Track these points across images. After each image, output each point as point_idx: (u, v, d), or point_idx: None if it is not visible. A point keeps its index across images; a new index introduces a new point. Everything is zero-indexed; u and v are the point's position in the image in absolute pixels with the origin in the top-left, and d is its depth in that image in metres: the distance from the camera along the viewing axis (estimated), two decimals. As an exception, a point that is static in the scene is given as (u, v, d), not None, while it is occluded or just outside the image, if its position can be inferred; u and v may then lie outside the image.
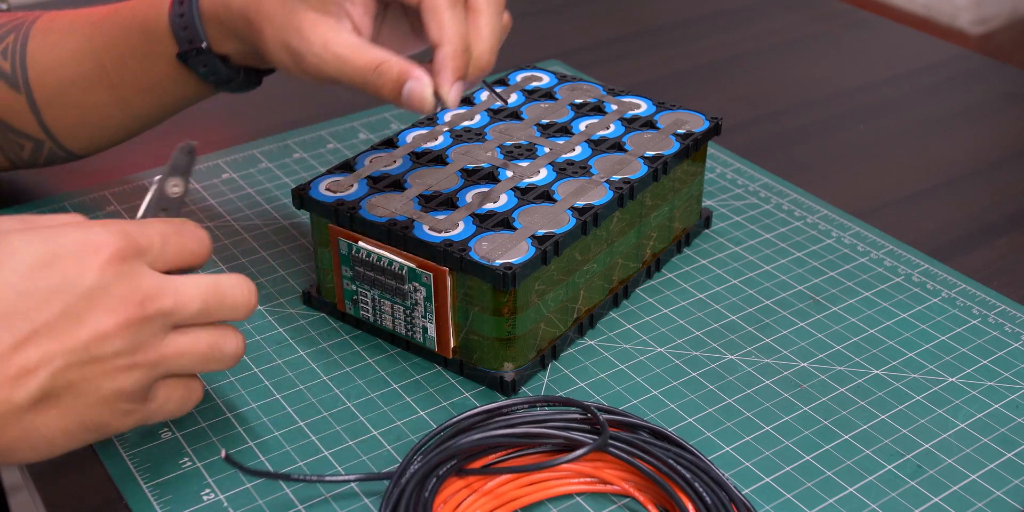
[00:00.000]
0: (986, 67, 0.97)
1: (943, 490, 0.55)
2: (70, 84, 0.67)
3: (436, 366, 0.62)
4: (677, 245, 0.71)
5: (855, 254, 0.72)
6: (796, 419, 0.59)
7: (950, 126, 0.88)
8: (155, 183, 0.53)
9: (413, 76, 0.54)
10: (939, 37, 1.04)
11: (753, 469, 0.56)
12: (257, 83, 0.68)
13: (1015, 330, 0.65)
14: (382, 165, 0.65)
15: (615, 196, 0.62)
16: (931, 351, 0.64)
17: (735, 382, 0.62)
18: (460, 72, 0.55)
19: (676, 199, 0.69)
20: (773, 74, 0.96)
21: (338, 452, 0.57)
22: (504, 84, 0.74)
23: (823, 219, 0.75)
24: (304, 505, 0.54)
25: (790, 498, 0.55)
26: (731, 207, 0.76)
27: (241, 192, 0.78)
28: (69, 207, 0.76)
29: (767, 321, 0.66)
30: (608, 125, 0.69)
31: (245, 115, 0.88)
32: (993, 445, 0.58)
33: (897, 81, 0.94)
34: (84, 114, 0.69)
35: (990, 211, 0.77)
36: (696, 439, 0.58)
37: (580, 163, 0.65)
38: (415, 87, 0.54)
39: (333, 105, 0.89)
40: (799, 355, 0.63)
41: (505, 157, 0.65)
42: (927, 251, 0.72)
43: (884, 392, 0.61)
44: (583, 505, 0.54)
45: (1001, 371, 0.62)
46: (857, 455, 0.57)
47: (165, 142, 0.85)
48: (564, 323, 0.63)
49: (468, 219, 0.60)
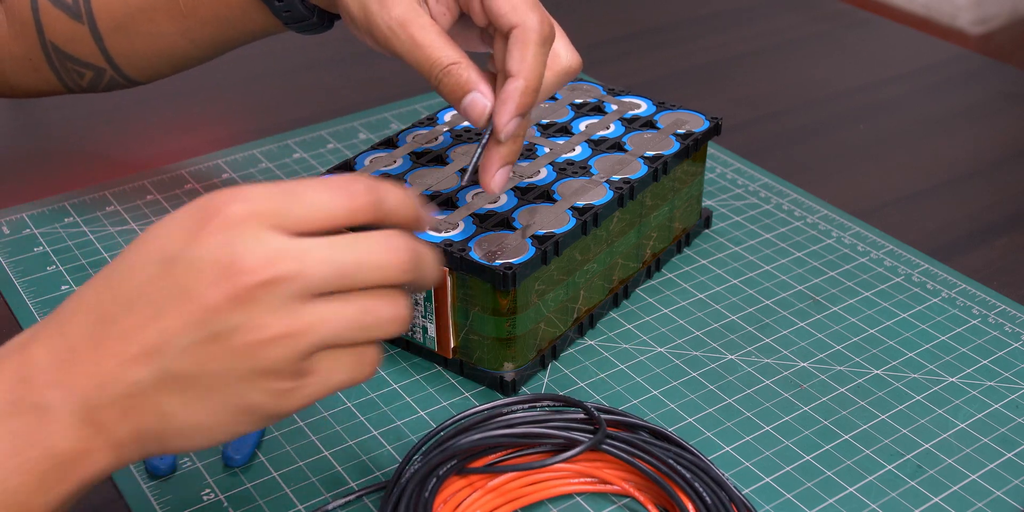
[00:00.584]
0: (986, 67, 0.97)
1: (943, 490, 0.55)
2: (137, 12, 0.67)
3: (436, 366, 0.62)
4: (677, 245, 0.71)
5: (855, 254, 0.72)
6: (796, 419, 0.59)
7: (950, 126, 0.88)
8: None
9: (479, 90, 0.55)
10: (939, 37, 1.04)
11: (753, 469, 0.56)
12: (329, 26, 0.68)
13: (1015, 330, 0.65)
14: (382, 165, 0.65)
15: (615, 196, 0.62)
16: (931, 351, 0.64)
17: (735, 382, 0.62)
18: (524, 109, 0.55)
19: (676, 199, 0.69)
20: (773, 74, 0.96)
21: (338, 452, 0.57)
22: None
23: (823, 219, 0.75)
24: (304, 505, 0.54)
25: (790, 498, 0.55)
26: (731, 207, 0.76)
27: (241, 192, 0.78)
28: (69, 207, 0.76)
29: (767, 321, 0.66)
30: (608, 125, 0.69)
31: (245, 115, 0.88)
32: (993, 445, 0.58)
33: (897, 81, 0.94)
34: (149, 43, 0.69)
35: (990, 211, 0.77)
36: (696, 439, 0.58)
37: (580, 163, 0.65)
38: (477, 102, 0.55)
39: (333, 105, 0.89)
40: (799, 355, 0.63)
41: (505, 157, 0.65)
42: (927, 251, 0.72)
43: (884, 392, 0.61)
44: (583, 505, 0.54)
45: (1001, 371, 0.62)
46: (857, 455, 0.57)
47: (165, 142, 0.85)
48: (564, 323, 0.63)
49: (468, 219, 0.60)
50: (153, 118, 0.88)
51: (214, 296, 0.40)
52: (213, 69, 0.93)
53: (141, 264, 0.42)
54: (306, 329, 0.41)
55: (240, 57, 0.95)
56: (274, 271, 0.40)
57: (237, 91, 0.92)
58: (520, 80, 0.54)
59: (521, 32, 0.54)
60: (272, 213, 0.41)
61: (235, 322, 0.40)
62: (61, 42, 0.69)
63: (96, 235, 0.73)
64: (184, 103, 0.90)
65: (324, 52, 0.97)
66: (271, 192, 0.42)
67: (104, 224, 0.74)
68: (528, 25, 0.54)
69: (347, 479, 0.56)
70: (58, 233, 0.73)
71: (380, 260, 0.42)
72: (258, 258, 0.40)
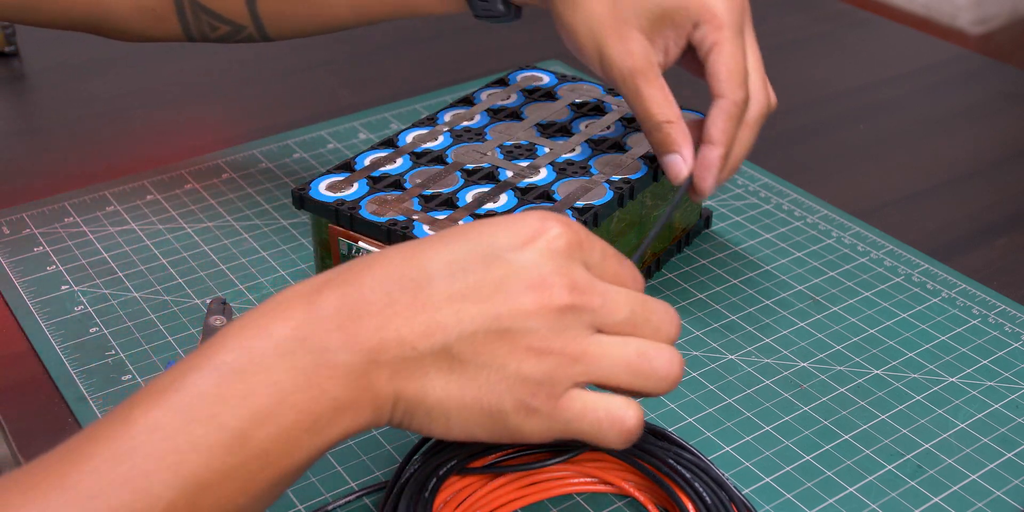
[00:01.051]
0: (986, 67, 0.97)
1: (943, 490, 0.55)
2: None
3: (436, 366, 0.62)
4: (677, 245, 0.71)
5: (855, 254, 0.72)
6: (796, 419, 0.59)
7: (950, 126, 0.88)
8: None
9: (682, 153, 0.60)
10: (939, 37, 1.04)
11: (753, 469, 0.56)
12: (518, 17, 0.68)
13: (1015, 330, 0.65)
14: (382, 165, 0.65)
15: (615, 196, 0.62)
16: (931, 351, 0.64)
17: (735, 382, 0.62)
18: (725, 177, 0.61)
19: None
20: (773, 74, 0.95)
21: (338, 452, 0.57)
22: (504, 84, 0.74)
23: (823, 219, 0.75)
24: (304, 505, 0.54)
25: (790, 498, 0.55)
26: (731, 207, 0.76)
27: (241, 192, 0.78)
28: (69, 207, 0.76)
29: (767, 321, 0.66)
30: (608, 125, 0.69)
31: (245, 115, 0.88)
32: (993, 445, 0.58)
33: (897, 81, 0.94)
34: (308, 10, 0.69)
35: (990, 211, 0.77)
36: (696, 439, 0.58)
37: (580, 163, 0.65)
38: (677, 163, 0.60)
39: (333, 105, 0.89)
40: (799, 355, 0.63)
41: (505, 157, 0.65)
42: (927, 251, 0.72)
43: (884, 392, 0.61)
44: (583, 505, 0.54)
45: (1001, 371, 0.62)
46: (857, 455, 0.57)
47: (165, 142, 0.85)
48: (564, 323, 0.63)
49: (468, 219, 0.60)
50: (153, 118, 0.88)
51: (523, 300, 0.44)
52: (213, 69, 0.93)
53: (460, 248, 0.45)
54: (589, 357, 0.44)
55: (240, 57, 0.95)
56: (581, 299, 0.44)
57: (237, 91, 0.92)
58: (720, 147, 0.60)
59: (728, 105, 0.60)
60: (586, 252, 0.46)
61: (530, 326, 0.43)
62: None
63: (96, 235, 0.73)
64: (184, 103, 0.90)
65: (324, 52, 0.97)
66: (591, 236, 0.46)
67: (104, 224, 0.74)
68: (735, 100, 0.60)
69: (347, 479, 0.56)
70: (58, 233, 0.73)
71: (661, 321, 0.46)
72: (570, 283, 0.44)
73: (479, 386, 0.44)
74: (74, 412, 0.60)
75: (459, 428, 0.44)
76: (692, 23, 0.60)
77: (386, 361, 0.43)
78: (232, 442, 0.40)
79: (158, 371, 0.62)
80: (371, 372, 0.43)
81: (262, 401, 0.41)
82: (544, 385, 0.44)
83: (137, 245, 0.72)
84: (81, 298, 0.68)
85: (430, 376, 0.43)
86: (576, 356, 0.44)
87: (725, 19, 0.60)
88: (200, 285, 0.69)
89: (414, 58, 0.96)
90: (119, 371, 0.62)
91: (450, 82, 0.92)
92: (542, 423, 0.44)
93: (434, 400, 0.44)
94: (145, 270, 0.70)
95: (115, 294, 0.68)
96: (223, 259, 0.71)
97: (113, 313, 0.66)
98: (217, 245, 0.72)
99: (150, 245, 0.72)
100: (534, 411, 0.44)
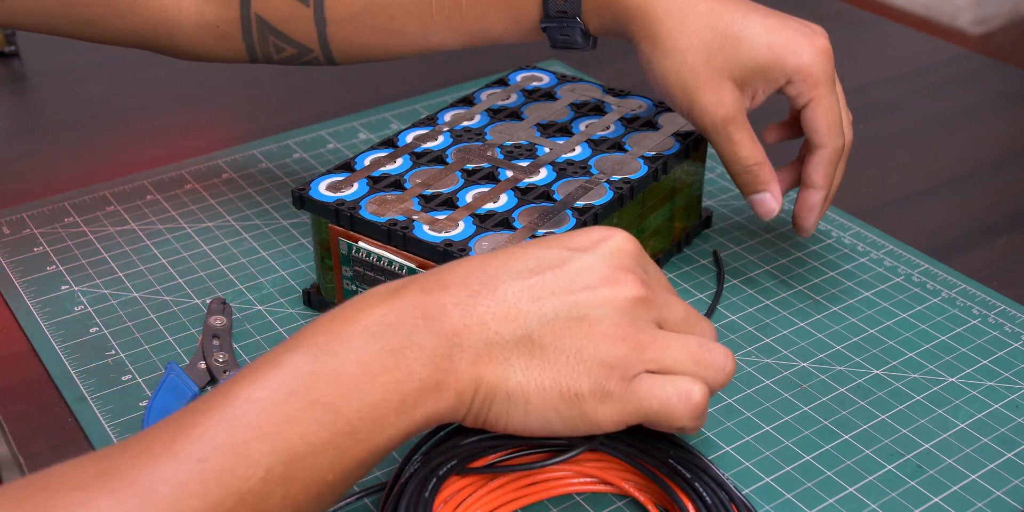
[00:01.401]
0: (986, 67, 0.97)
1: (943, 490, 0.55)
2: (379, 9, 0.66)
3: (436, 366, 0.62)
4: (677, 245, 0.71)
5: (855, 254, 0.72)
6: (796, 419, 0.59)
7: (950, 126, 0.88)
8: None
9: (771, 191, 0.65)
10: (939, 37, 1.04)
11: (753, 469, 0.56)
12: (594, 47, 0.68)
13: (1015, 330, 0.65)
14: (382, 165, 0.65)
15: (615, 196, 0.62)
16: (931, 351, 0.64)
17: (735, 382, 0.62)
18: (822, 215, 0.66)
19: (676, 199, 0.69)
20: (773, 74, 0.95)
21: (338, 452, 0.57)
22: (504, 84, 0.74)
23: (823, 219, 0.75)
24: (304, 505, 0.54)
25: (790, 498, 0.55)
26: (731, 207, 0.76)
27: (241, 192, 0.78)
28: (69, 207, 0.76)
29: (767, 321, 0.66)
30: (608, 125, 0.69)
31: (245, 115, 0.88)
32: (993, 445, 0.58)
33: (897, 81, 0.94)
34: (378, 37, 0.68)
35: (990, 211, 0.77)
36: (696, 439, 0.58)
37: (580, 163, 0.65)
38: (767, 201, 0.65)
39: (333, 105, 0.89)
40: (799, 355, 0.63)
41: (505, 157, 0.65)
42: (927, 251, 0.72)
43: (884, 392, 0.61)
44: (583, 505, 0.54)
45: (1001, 371, 0.62)
46: (857, 455, 0.57)
47: (165, 142, 0.85)
48: (564, 323, 0.63)
49: (468, 219, 0.60)
50: (153, 118, 0.88)
51: (599, 290, 0.48)
52: (213, 69, 0.93)
53: (535, 253, 0.49)
54: (654, 344, 0.49)
55: (240, 57, 0.95)
56: (649, 293, 0.49)
57: (237, 91, 0.92)
58: (823, 191, 0.65)
59: (828, 153, 0.64)
60: (644, 259, 0.52)
61: (606, 313, 0.48)
62: (272, 17, 0.67)
63: (96, 235, 0.73)
64: (184, 103, 0.90)
65: (324, 52, 0.97)
66: (647, 257, 0.52)
67: (104, 224, 0.74)
68: (834, 148, 0.64)
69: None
70: (58, 233, 0.73)
71: (708, 325, 0.52)
72: (639, 279, 0.49)
73: (558, 369, 0.47)
74: (74, 412, 0.60)
75: (537, 414, 0.47)
76: (786, 79, 0.63)
77: (470, 345, 0.46)
78: (324, 417, 0.43)
79: (158, 371, 0.62)
80: (455, 355, 0.46)
81: (352, 380, 0.44)
82: (618, 369, 0.48)
83: (137, 245, 0.72)
84: (81, 298, 0.68)
85: (511, 361, 0.47)
86: (647, 344, 0.48)
87: (820, 77, 0.63)
88: (200, 285, 0.69)
89: (414, 58, 0.96)
90: (119, 371, 0.62)
91: (450, 82, 0.92)
92: (615, 406, 0.48)
93: (514, 384, 0.47)
94: (145, 270, 0.70)
95: (115, 294, 0.68)
96: (223, 259, 0.71)
97: (113, 313, 0.66)
98: (217, 245, 0.72)
99: (150, 245, 0.72)
100: (608, 394, 0.48)
